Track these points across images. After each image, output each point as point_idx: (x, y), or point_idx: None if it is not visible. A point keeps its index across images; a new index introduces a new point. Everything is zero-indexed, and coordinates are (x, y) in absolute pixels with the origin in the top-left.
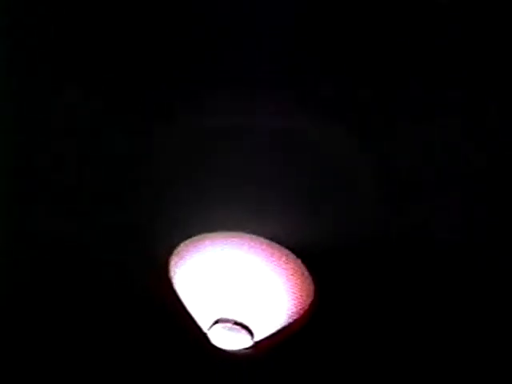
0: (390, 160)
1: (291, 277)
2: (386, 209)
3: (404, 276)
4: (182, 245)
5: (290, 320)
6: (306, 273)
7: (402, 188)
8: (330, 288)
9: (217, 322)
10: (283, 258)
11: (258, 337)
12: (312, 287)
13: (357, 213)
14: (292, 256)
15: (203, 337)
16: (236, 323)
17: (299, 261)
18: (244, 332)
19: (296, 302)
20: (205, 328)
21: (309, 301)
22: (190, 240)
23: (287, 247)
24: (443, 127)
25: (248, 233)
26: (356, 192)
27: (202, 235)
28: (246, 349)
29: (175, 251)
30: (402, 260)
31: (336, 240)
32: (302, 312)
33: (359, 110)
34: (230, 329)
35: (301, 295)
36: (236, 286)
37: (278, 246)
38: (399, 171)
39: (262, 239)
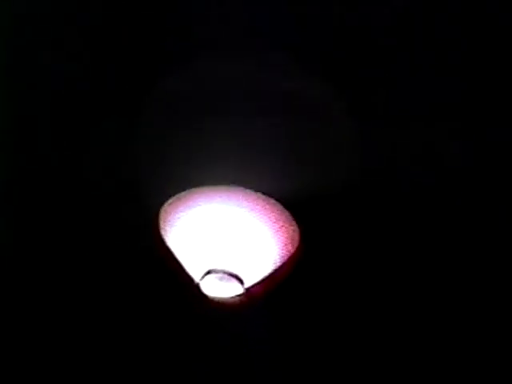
0: (371, 107)
1: (276, 224)
2: (369, 155)
3: (387, 222)
4: (171, 200)
5: (278, 265)
6: (291, 218)
7: (384, 135)
8: (315, 232)
9: (208, 273)
10: (267, 207)
11: (248, 284)
12: (297, 232)
13: (339, 160)
14: (275, 203)
15: (196, 288)
16: (226, 273)
17: (283, 208)
18: (234, 280)
19: (282, 247)
20: (196, 279)
21: (294, 246)
22: (179, 195)
23: (270, 195)
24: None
25: (234, 185)
26: (339, 140)
27: (191, 190)
28: (238, 296)
29: (165, 206)
30: (384, 206)
31: (318, 186)
32: (288, 257)
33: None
34: (220, 278)
35: (286, 241)
36: (224, 237)
37: (259, 194)
38: (380, 114)
39: (247, 191)
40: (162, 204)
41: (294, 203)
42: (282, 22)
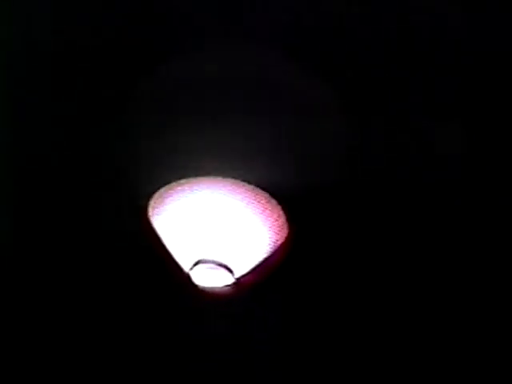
0: (371, 106)
1: (264, 213)
2: (359, 149)
3: (384, 219)
4: (161, 190)
5: (267, 255)
6: (278, 208)
7: (384, 134)
8: (303, 224)
9: (197, 263)
10: (255, 197)
11: (238, 274)
12: (285, 222)
13: (330, 154)
14: (263, 193)
15: (186, 278)
16: (216, 263)
17: (270, 197)
18: (224, 271)
19: (271, 237)
20: (186, 269)
21: (283, 236)
22: (169, 185)
23: (259, 187)
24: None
25: (224, 176)
26: (330, 133)
27: (180, 180)
28: (228, 286)
29: (155, 196)
30: (383, 204)
31: (311, 179)
32: (277, 247)
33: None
34: (210, 268)
35: (275, 230)
36: (213, 227)
37: (247, 184)
38: (380, 113)
39: (235, 181)
40: (152, 194)
41: (284, 194)
42: (281, 22)
